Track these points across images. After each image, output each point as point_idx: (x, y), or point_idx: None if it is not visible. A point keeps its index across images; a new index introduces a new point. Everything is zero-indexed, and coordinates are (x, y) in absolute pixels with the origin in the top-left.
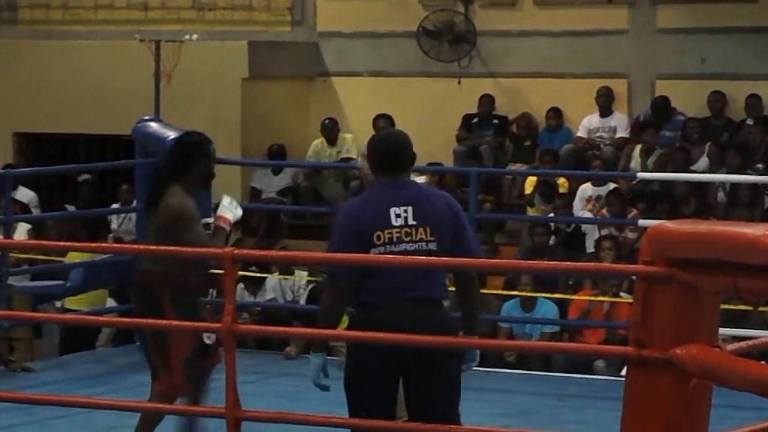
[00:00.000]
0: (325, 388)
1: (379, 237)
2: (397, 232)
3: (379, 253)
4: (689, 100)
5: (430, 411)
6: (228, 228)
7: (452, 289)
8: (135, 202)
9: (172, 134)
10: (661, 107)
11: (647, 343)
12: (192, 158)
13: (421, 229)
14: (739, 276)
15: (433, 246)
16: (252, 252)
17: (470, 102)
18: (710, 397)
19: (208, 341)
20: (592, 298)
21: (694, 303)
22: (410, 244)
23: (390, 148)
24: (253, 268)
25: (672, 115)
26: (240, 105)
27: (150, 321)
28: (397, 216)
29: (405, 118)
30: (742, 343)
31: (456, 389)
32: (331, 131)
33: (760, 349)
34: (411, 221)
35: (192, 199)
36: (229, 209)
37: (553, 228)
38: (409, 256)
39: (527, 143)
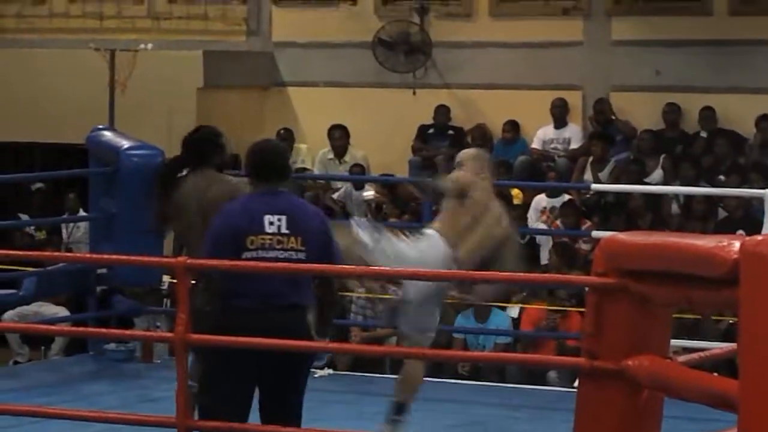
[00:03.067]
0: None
1: (252, 242)
2: (269, 239)
3: (251, 258)
4: (643, 112)
5: (283, 410)
6: None
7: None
8: (82, 211)
9: (126, 144)
10: (600, 112)
11: (599, 354)
12: (207, 151)
13: (292, 238)
14: (692, 288)
15: (302, 255)
16: (204, 261)
17: (426, 113)
18: (662, 408)
19: None
20: (546, 307)
21: (646, 314)
22: (281, 251)
23: (268, 158)
24: None
25: (612, 122)
26: (195, 114)
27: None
28: (271, 223)
29: (360, 128)
30: (694, 355)
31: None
32: (286, 141)
33: (711, 361)
34: (284, 230)
35: None
36: None
37: None
38: (282, 263)
39: None
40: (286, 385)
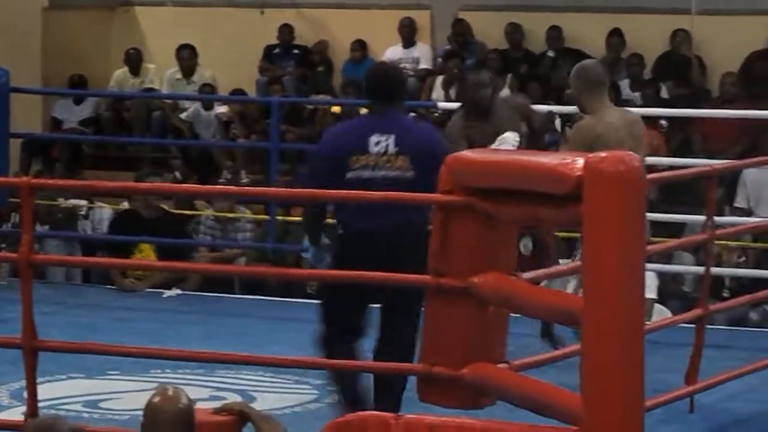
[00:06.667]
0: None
1: (355, 161)
2: (374, 159)
3: (353, 178)
4: (490, 31)
5: (396, 330)
6: None
7: None
8: None
9: None
10: (459, 32)
11: (446, 272)
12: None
13: (401, 158)
14: (537, 205)
15: (410, 174)
16: (49, 181)
17: (273, 32)
18: (508, 325)
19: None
20: None
21: (492, 232)
22: (390, 171)
23: (378, 81)
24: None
25: (470, 42)
26: (41, 34)
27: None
28: (377, 143)
29: (209, 48)
30: (539, 272)
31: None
32: (134, 61)
33: (557, 277)
34: (392, 149)
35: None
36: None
37: None
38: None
39: (320, 69)
40: (396, 305)
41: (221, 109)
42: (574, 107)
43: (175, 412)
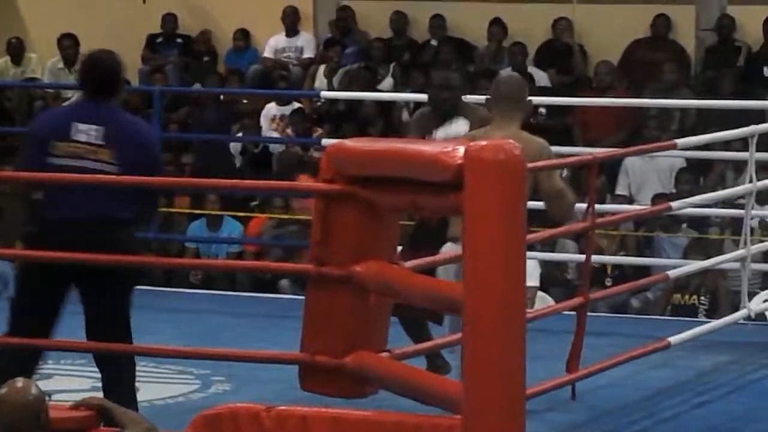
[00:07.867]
0: None
1: (55, 147)
2: (77, 147)
3: (58, 165)
4: (375, 19)
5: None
6: None
7: None
8: None
9: None
10: (342, 19)
11: (327, 261)
12: None
13: (106, 151)
14: (418, 193)
15: (114, 169)
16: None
17: (156, 21)
18: (389, 313)
19: None
20: (276, 216)
21: (373, 220)
22: (92, 162)
23: (93, 69)
24: None
25: (352, 30)
26: None
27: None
28: (82, 132)
29: (90, 37)
30: (422, 260)
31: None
32: (16, 50)
33: (439, 266)
34: (98, 141)
35: None
36: None
37: (241, 149)
38: (85, 174)
39: (206, 59)
40: (96, 296)
41: None
42: None
43: (22, 403)
